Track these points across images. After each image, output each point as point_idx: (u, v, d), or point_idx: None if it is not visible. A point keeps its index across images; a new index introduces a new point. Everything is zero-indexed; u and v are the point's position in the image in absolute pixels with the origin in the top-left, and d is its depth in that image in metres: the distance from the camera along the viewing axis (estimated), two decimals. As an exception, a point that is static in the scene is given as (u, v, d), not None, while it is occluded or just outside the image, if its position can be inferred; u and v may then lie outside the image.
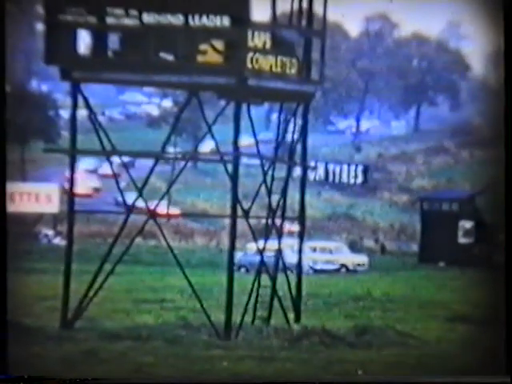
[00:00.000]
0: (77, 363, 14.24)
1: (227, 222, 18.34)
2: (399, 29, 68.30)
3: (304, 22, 18.14)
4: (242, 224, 17.91)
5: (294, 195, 18.67)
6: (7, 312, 16.88)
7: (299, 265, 18.54)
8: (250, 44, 17.11)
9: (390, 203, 55.98)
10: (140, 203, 18.23)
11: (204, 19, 17.16)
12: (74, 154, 18.05)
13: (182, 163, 19.07)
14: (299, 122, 18.46)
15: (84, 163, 47.67)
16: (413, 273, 35.57)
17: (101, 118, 19.21)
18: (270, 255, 18.61)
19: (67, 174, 18.28)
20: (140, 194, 18.06)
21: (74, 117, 17.90)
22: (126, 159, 18.97)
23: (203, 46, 17.13)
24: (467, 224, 38.91)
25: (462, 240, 38.96)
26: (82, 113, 18.21)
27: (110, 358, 14.83)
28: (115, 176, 18.41)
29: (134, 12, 17.32)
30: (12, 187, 42.02)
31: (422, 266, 37.96)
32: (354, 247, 42.24)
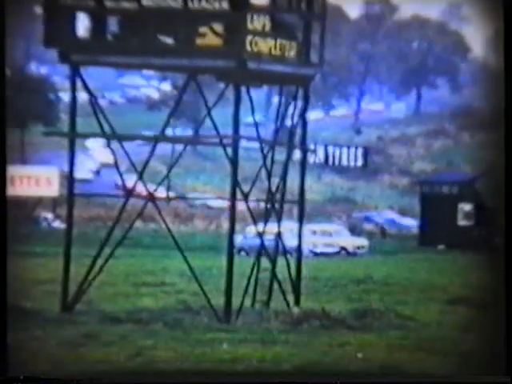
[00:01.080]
0: (77, 346, 14.28)
1: (227, 205, 18.32)
2: (399, 11, 67.91)
3: (304, 5, 18.04)
4: (241, 207, 17.90)
5: (293, 178, 18.65)
6: (7, 296, 16.90)
7: (299, 248, 18.55)
8: (250, 27, 17.02)
9: (390, 186, 55.94)
10: (140, 186, 18.20)
11: (203, 2, 17.07)
12: (73, 137, 18.00)
13: (182, 146, 19.03)
14: (299, 105, 18.40)
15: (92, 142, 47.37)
16: (412, 256, 35.64)
17: (101, 102, 19.15)
18: (269, 238, 18.63)
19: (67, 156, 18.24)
20: (140, 178, 18.03)
21: (73, 100, 17.83)
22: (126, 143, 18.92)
23: (202, 29, 17.05)
24: (467, 207, 38.92)
25: (461, 223, 38.99)
26: (82, 96, 18.15)
27: (110, 341, 14.87)
28: (115, 159, 18.36)
29: (132, -6, 17.22)
30: (12, 171, 41.97)
31: (422, 249, 38.02)
32: (354, 230, 42.29)
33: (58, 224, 39.20)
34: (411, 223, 42.56)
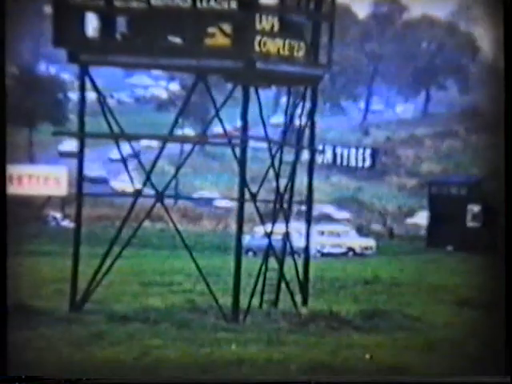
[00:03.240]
0: (85, 345, 14.32)
1: (235, 205, 18.34)
2: (408, 11, 67.83)
3: (312, 5, 18.03)
4: (249, 208, 17.90)
5: (301, 179, 18.64)
6: (15, 295, 16.96)
7: (307, 248, 18.55)
8: (258, 27, 17.03)
9: (398, 187, 55.88)
10: (148, 186, 18.23)
11: (212, 2, 17.09)
12: (82, 136, 18.05)
13: (190, 146, 19.05)
14: (307, 105, 18.40)
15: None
16: (420, 257, 35.57)
17: (109, 101, 19.19)
18: (277, 239, 18.63)
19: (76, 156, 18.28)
20: (148, 178, 18.06)
21: (82, 100, 17.88)
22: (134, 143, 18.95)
23: (211, 29, 17.07)
24: (475, 208, 38.83)
25: (470, 224, 38.91)
26: (91, 95, 18.19)
27: (118, 340, 14.91)
28: (123, 159, 18.40)
29: (141, -5, 17.26)
30: (20, 170, 42.13)
31: (430, 250, 37.95)
32: (362, 231, 42.25)
33: (67, 223, 39.31)
34: (347, 217, 42.07)
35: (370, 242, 38.81)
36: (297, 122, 18.61)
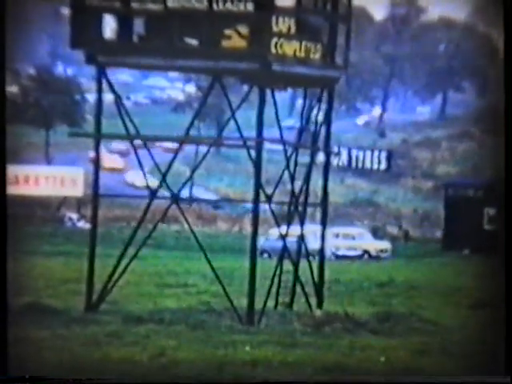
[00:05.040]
0: (101, 345, 14.38)
1: (250, 207, 18.35)
2: (425, 13, 67.55)
3: (329, 7, 18.02)
4: (264, 209, 17.91)
5: (316, 181, 18.63)
6: (31, 294, 17.06)
7: (322, 251, 18.53)
8: (275, 29, 17.04)
9: (413, 189, 55.66)
10: (163, 188, 18.28)
11: (228, 4, 17.12)
12: (99, 138, 18.13)
13: (205, 148, 19.08)
14: (323, 107, 18.39)
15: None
16: (436, 260, 35.43)
17: (125, 103, 19.28)
18: (292, 241, 18.62)
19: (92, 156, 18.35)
20: (163, 179, 18.11)
21: (99, 101, 17.97)
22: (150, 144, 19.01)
23: (227, 31, 17.10)
24: (492, 211, 38.60)
25: (486, 227, 38.69)
26: (107, 97, 18.28)
27: (133, 340, 14.96)
28: (139, 160, 18.45)
29: (158, -4, 17.32)
30: (37, 171, 42.37)
31: (446, 253, 37.77)
32: (377, 233, 42.13)
33: (83, 224, 39.46)
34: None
35: (386, 245, 38.70)
36: (312, 125, 18.60)
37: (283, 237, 18.31)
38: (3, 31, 13.65)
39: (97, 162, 18.19)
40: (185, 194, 19.91)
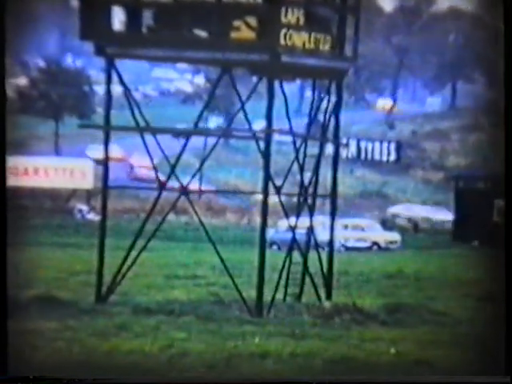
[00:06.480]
0: (110, 337, 14.44)
1: (259, 198, 18.35)
2: (435, 4, 67.22)
3: (338, -2, 17.94)
4: (273, 201, 17.90)
5: (326, 172, 18.60)
6: (41, 286, 17.12)
7: (331, 242, 18.51)
8: (284, 20, 16.99)
9: (423, 181, 55.51)
10: (172, 179, 18.29)
11: (237, -5, 17.08)
12: (108, 129, 18.14)
13: (214, 140, 19.07)
14: (332, 98, 18.34)
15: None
16: (446, 251, 35.36)
17: (135, 94, 19.27)
18: (301, 232, 18.61)
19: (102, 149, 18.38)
20: (172, 171, 18.12)
21: (108, 93, 17.98)
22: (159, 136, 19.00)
23: (236, 23, 17.07)
24: (502, 203, 38.39)
25: (496, 219, 38.56)
26: (116, 89, 18.28)
27: (142, 332, 15.01)
28: (148, 152, 18.46)
29: (167, -12, 17.29)
30: (47, 162, 42.45)
31: (456, 245, 37.68)
32: (386, 225, 42.07)
33: (92, 216, 39.55)
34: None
35: (395, 236, 38.64)
36: (321, 116, 18.56)
37: (292, 228, 18.30)
38: (3, 25, 13.64)
39: (106, 154, 18.20)
40: (194, 185, 19.90)
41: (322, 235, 19.15)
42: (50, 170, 41.98)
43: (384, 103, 62.06)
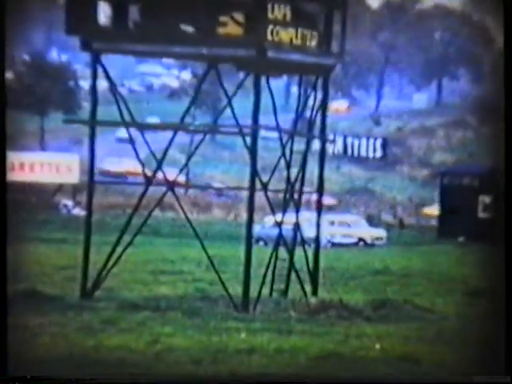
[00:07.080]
0: (96, 332, 14.38)
1: (245, 194, 18.32)
2: (421, 1, 67.32)
3: (325, -6, 17.93)
4: (259, 197, 17.90)
5: (312, 169, 18.62)
6: (25, 281, 17.04)
7: (317, 238, 18.54)
8: (271, 16, 16.97)
9: (409, 177, 55.63)
10: (159, 175, 18.23)
11: (224, -10, 17.02)
12: (94, 124, 18.07)
13: (201, 136, 19.03)
14: (319, 95, 18.34)
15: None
16: (432, 247, 35.49)
17: (121, 90, 19.17)
18: (287, 228, 18.62)
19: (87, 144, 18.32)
20: (159, 166, 18.07)
21: (94, 88, 17.89)
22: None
23: (224, 18, 17.02)
24: (487, 199, 38.61)
25: (481, 215, 38.72)
26: (102, 84, 18.20)
27: (128, 327, 14.97)
28: (134, 147, 18.39)
29: (154, -18, 17.21)
30: (32, 157, 42.23)
31: (441, 241, 37.83)
32: (372, 221, 42.17)
33: (78, 211, 39.38)
34: None
35: (381, 233, 38.77)
36: (308, 112, 18.55)
37: (279, 224, 18.30)
38: (3, 23, 13.55)
39: (92, 149, 18.12)
40: (181, 180, 19.84)
41: (309, 231, 19.17)
42: (35, 164, 41.76)
43: (338, 105, 61.29)
